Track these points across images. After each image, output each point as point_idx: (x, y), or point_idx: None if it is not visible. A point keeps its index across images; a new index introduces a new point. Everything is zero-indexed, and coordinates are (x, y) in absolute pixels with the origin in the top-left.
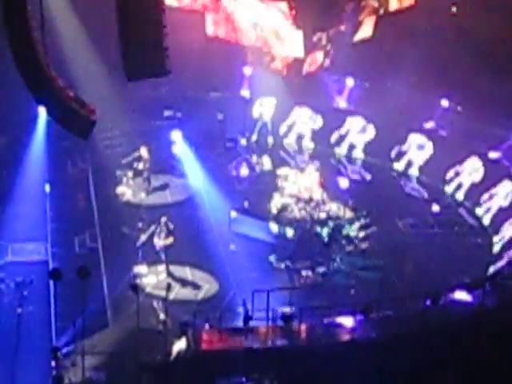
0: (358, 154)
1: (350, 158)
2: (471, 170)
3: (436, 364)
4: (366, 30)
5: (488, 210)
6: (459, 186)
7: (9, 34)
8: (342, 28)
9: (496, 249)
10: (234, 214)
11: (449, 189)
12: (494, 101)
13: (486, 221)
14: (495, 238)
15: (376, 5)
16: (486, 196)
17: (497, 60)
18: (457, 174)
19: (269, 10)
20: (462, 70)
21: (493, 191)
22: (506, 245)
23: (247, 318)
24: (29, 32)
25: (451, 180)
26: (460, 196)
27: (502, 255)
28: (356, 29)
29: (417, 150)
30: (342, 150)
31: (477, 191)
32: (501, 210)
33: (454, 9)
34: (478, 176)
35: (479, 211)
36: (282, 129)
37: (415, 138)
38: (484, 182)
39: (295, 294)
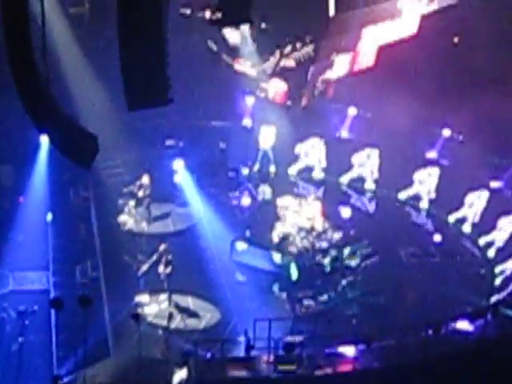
0: (362, 183)
1: (354, 188)
2: (474, 201)
3: None
4: (367, 59)
5: (491, 241)
6: (463, 216)
7: (11, 64)
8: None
9: (498, 280)
10: (237, 244)
11: (452, 219)
12: (496, 130)
13: (490, 252)
14: (497, 270)
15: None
16: (489, 227)
17: (498, 90)
18: (460, 205)
19: None
20: (463, 100)
21: (497, 223)
22: (509, 276)
23: (249, 348)
24: (31, 62)
25: (454, 210)
26: (464, 226)
27: (504, 286)
28: (355, 58)
29: (421, 181)
30: (346, 180)
31: (480, 222)
32: (504, 242)
33: (455, 39)
34: (481, 207)
35: (482, 242)
36: (286, 158)
37: (420, 169)
38: (487, 212)
39: (297, 323)
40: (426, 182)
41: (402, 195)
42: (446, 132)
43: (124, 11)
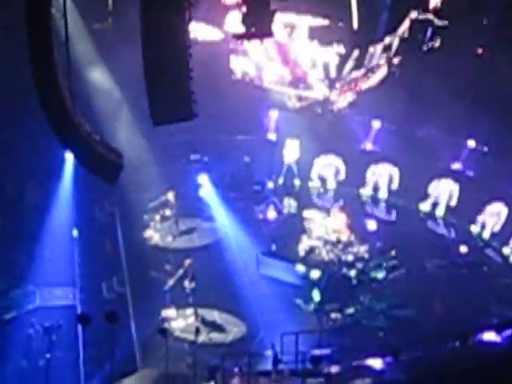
0: (385, 195)
1: (377, 200)
2: (498, 212)
3: None
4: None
5: None
6: (485, 226)
7: (35, 81)
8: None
9: None
10: (263, 258)
11: (476, 229)
12: None
13: None
14: None
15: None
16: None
17: None
18: (484, 215)
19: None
20: (488, 110)
21: None
22: None
23: (276, 361)
24: (55, 78)
25: (479, 221)
26: (487, 236)
27: None
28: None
29: (444, 192)
30: (368, 192)
31: (504, 231)
32: None
33: (479, 50)
34: (504, 217)
35: (506, 251)
36: (309, 171)
37: (443, 181)
38: (509, 222)
39: (324, 336)
40: (449, 193)
41: (424, 206)
42: (471, 143)
43: (147, 26)
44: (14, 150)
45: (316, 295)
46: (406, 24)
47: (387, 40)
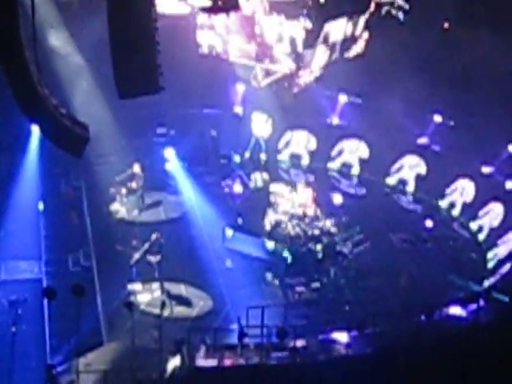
0: (353, 170)
1: (344, 175)
2: (464, 186)
3: (430, 379)
4: (360, 46)
5: (481, 226)
6: (453, 202)
7: (1, 54)
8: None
9: (490, 265)
10: (229, 232)
11: (443, 204)
12: (487, 115)
13: (481, 236)
14: (489, 254)
15: None
16: (479, 213)
17: (488, 75)
18: (451, 190)
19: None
20: (454, 85)
21: (485, 209)
22: (501, 261)
23: (242, 335)
24: (21, 50)
25: (445, 195)
26: (454, 211)
27: (495, 271)
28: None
29: (410, 168)
30: (336, 167)
31: (471, 207)
32: (493, 228)
33: (445, 24)
34: (470, 192)
35: (473, 226)
36: (276, 145)
37: (409, 157)
38: (477, 197)
39: (290, 310)
40: (415, 168)
41: (391, 180)
42: (437, 118)
43: None
44: None
45: (288, 256)
46: (371, 7)
47: (354, 17)
